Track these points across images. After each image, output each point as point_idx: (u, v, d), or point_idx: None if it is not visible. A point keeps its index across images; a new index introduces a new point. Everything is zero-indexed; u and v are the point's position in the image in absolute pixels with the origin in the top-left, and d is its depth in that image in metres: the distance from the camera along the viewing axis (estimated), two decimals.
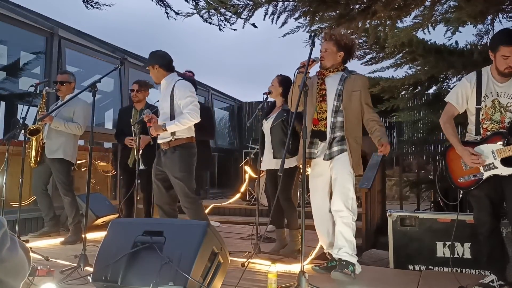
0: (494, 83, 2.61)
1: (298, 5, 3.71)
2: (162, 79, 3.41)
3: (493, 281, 2.60)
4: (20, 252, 1.15)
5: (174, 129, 3.24)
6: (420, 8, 3.73)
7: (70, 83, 4.20)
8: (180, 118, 3.22)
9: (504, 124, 2.56)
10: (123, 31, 35.17)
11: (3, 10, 4.93)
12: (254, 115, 3.97)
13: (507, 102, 2.57)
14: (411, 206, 5.96)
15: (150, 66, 3.40)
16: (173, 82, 3.35)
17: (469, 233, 3.04)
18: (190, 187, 3.31)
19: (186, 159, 3.31)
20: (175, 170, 3.28)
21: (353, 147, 2.91)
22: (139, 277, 2.17)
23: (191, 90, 3.33)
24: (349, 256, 2.84)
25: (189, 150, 3.35)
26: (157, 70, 3.38)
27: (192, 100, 3.26)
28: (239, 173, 8.02)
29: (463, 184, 2.65)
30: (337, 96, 2.94)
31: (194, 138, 3.43)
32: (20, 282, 1.17)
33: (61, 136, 4.09)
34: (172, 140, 3.30)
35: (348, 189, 2.88)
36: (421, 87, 5.02)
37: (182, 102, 3.26)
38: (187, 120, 3.21)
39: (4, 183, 3.57)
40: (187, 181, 3.29)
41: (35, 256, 3.34)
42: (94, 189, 5.49)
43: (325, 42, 3.01)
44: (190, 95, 3.28)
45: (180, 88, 3.30)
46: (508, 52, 2.48)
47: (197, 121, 3.27)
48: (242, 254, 3.48)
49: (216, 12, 3.96)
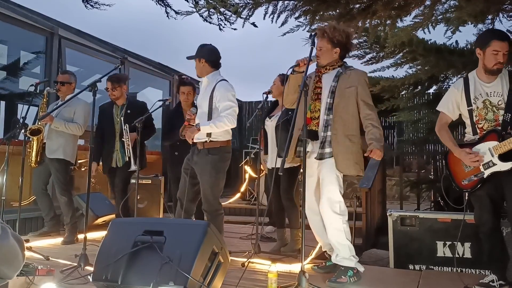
0: (482, 84, 2.65)
1: (298, 4, 3.70)
2: (205, 76, 3.29)
3: (493, 281, 2.60)
4: (11, 241, 1.16)
5: (208, 131, 3.13)
6: (420, 7, 3.73)
7: (70, 84, 4.18)
8: (216, 120, 3.11)
9: (498, 122, 2.60)
10: (123, 30, 35.16)
11: (4, 9, 4.93)
12: (254, 115, 3.97)
13: (498, 100, 2.60)
14: (412, 206, 5.97)
15: (196, 59, 3.28)
16: (215, 82, 3.23)
17: (470, 233, 3.04)
18: (217, 193, 3.23)
19: (217, 164, 3.21)
20: (205, 173, 3.20)
21: (344, 146, 2.79)
22: (139, 276, 2.17)
23: (232, 94, 3.20)
24: (347, 261, 2.79)
25: (222, 154, 3.25)
26: (202, 64, 3.26)
27: (232, 105, 3.15)
28: (239, 173, 8.01)
29: (467, 186, 2.67)
30: (331, 93, 2.86)
31: (230, 141, 3.32)
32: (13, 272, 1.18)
33: (61, 136, 4.09)
34: (207, 141, 3.19)
35: (333, 192, 2.78)
36: (421, 86, 5.01)
37: (221, 105, 3.15)
38: (223, 124, 3.10)
39: (4, 183, 3.57)
40: (213, 187, 3.20)
41: (35, 256, 3.34)
42: (94, 188, 5.48)
43: (319, 40, 2.92)
44: (230, 99, 3.16)
45: (221, 90, 3.18)
46: (499, 47, 2.52)
47: (233, 126, 3.16)
48: (242, 253, 3.49)
49: (216, 11, 3.95)
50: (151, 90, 8.26)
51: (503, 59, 2.54)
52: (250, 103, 10.62)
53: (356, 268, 2.80)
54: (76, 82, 4.29)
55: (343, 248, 2.79)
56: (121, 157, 4.23)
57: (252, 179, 6.78)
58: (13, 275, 1.17)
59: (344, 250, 2.79)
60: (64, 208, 4.16)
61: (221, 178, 3.26)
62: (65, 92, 4.15)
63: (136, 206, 3.90)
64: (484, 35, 2.74)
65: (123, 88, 4.27)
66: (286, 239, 3.82)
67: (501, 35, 2.58)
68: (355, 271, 2.79)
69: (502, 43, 2.53)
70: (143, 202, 5.04)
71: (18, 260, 1.19)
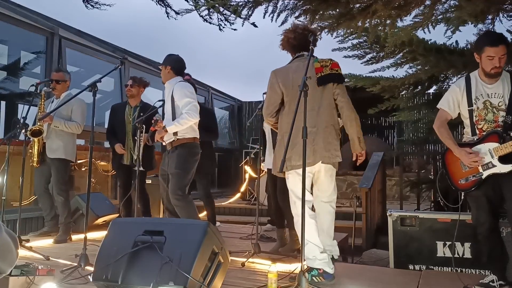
0: (483, 85, 2.64)
1: (298, 4, 3.70)
2: (167, 81, 3.50)
3: (493, 281, 2.60)
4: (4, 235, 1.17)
5: (174, 130, 3.32)
6: (420, 7, 3.73)
7: (65, 82, 4.22)
8: (179, 118, 3.32)
9: (498, 123, 2.59)
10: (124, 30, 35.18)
11: (4, 9, 4.93)
12: (254, 115, 3.98)
13: (498, 102, 2.59)
14: (411, 206, 5.95)
15: (162, 66, 3.53)
16: (173, 84, 3.44)
17: (469, 233, 3.04)
18: (180, 184, 3.34)
19: (184, 157, 3.37)
20: (171, 167, 3.37)
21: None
22: (139, 276, 2.18)
23: (189, 91, 3.39)
24: (309, 261, 2.72)
25: (190, 149, 3.41)
26: (167, 71, 3.51)
27: (190, 100, 3.33)
28: (239, 173, 8.03)
29: (464, 186, 2.66)
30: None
31: (197, 138, 3.48)
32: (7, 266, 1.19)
33: (61, 135, 4.10)
34: (174, 140, 3.40)
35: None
36: (421, 86, 5.01)
37: (181, 103, 3.34)
38: (186, 120, 3.29)
39: (4, 183, 3.57)
40: (179, 178, 3.33)
41: (35, 256, 3.35)
42: (94, 188, 5.49)
43: None
44: (188, 96, 3.35)
45: (178, 89, 3.38)
46: (493, 53, 2.51)
47: (196, 120, 3.34)
48: (242, 253, 3.49)
49: (215, 10, 3.95)
50: (151, 90, 8.26)
51: (499, 63, 2.52)
52: (250, 103, 10.63)
53: (322, 268, 2.72)
54: (70, 80, 4.33)
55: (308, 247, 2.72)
56: (131, 156, 4.37)
57: (252, 179, 6.78)
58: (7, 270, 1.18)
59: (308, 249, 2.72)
60: (60, 208, 4.18)
61: (186, 172, 3.38)
62: (60, 90, 4.19)
63: (136, 206, 3.90)
64: (478, 40, 2.73)
65: (140, 89, 4.49)
66: (285, 239, 3.82)
67: (494, 40, 2.53)
68: (321, 271, 2.72)
69: (496, 48, 2.50)
70: None
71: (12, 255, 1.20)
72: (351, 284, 2.77)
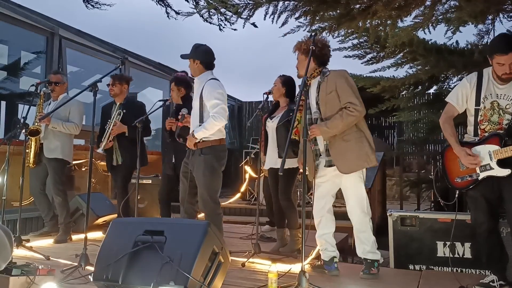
0: (495, 84, 2.61)
1: (298, 5, 3.70)
2: (198, 76, 3.32)
3: (493, 281, 2.60)
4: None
5: (202, 136, 3.18)
6: (421, 7, 3.73)
7: (63, 84, 4.25)
8: (205, 123, 3.18)
9: (501, 125, 2.57)
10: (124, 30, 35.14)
11: (4, 9, 4.93)
12: (254, 115, 3.98)
13: (506, 104, 2.57)
14: (412, 206, 5.97)
15: (191, 60, 3.31)
16: (205, 81, 3.26)
17: (469, 233, 3.04)
18: (211, 194, 3.22)
19: (210, 164, 3.21)
20: (199, 174, 3.22)
21: (340, 148, 2.88)
22: (140, 276, 2.18)
23: (218, 92, 3.20)
24: (372, 254, 2.98)
25: (216, 153, 3.25)
26: (197, 65, 3.30)
27: (218, 102, 3.16)
28: (239, 173, 8.02)
29: (459, 184, 2.66)
30: (316, 104, 2.96)
31: (223, 140, 3.32)
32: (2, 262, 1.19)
33: (58, 136, 4.11)
34: (199, 141, 3.23)
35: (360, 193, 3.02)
36: (421, 86, 5.02)
37: (209, 103, 3.19)
38: (213, 124, 3.14)
39: (5, 183, 3.58)
40: (208, 187, 3.21)
41: (36, 256, 3.35)
42: (94, 188, 5.49)
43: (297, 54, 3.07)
44: (216, 97, 3.18)
45: (208, 89, 3.20)
46: (503, 60, 2.48)
47: (223, 123, 3.19)
48: (242, 253, 3.49)
49: (217, 12, 3.95)
50: (151, 90, 8.27)
51: (509, 70, 2.48)
52: (250, 103, 10.64)
53: (379, 260, 3.01)
54: (67, 82, 4.35)
55: (368, 243, 3.00)
56: (119, 155, 4.29)
57: (252, 179, 6.78)
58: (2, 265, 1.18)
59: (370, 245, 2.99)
60: (58, 208, 4.19)
61: (216, 178, 3.25)
62: (58, 92, 4.22)
63: (136, 206, 3.90)
64: (489, 46, 2.71)
65: (123, 86, 4.35)
66: (286, 239, 3.82)
67: (503, 48, 2.48)
68: (379, 263, 3.00)
69: (505, 56, 2.46)
70: (143, 202, 5.04)
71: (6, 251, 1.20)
72: (351, 284, 2.77)
